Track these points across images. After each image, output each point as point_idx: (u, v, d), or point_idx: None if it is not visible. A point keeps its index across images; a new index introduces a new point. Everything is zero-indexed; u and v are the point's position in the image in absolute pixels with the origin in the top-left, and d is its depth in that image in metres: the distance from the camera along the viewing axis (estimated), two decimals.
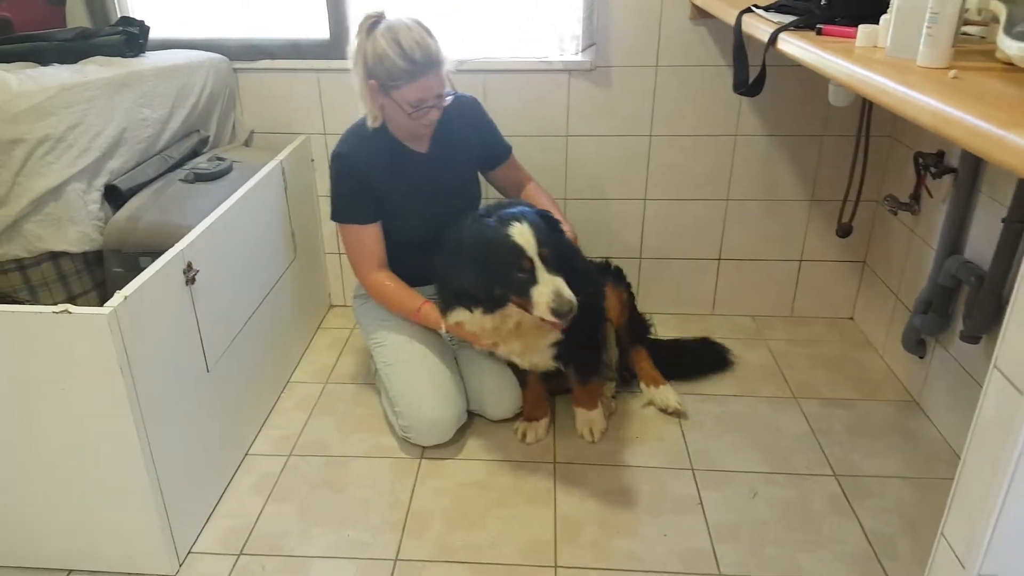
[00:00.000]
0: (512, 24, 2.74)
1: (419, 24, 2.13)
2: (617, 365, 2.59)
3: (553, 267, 1.98)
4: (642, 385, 2.55)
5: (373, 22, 2.12)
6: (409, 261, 2.34)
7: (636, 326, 2.63)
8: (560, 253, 2.04)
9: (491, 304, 2.08)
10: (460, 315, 2.16)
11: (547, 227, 2.05)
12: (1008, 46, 1.18)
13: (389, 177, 2.27)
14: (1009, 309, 0.99)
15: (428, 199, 2.32)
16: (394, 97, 2.14)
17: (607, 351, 2.52)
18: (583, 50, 2.71)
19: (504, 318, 2.10)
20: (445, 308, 2.20)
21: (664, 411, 2.47)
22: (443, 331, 2.27)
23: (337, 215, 2.32)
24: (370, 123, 2.25)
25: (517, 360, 2.29)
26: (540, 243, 1.97)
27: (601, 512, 2.11)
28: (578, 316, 2.04)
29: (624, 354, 2.59)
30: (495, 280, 2.02)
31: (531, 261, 1.96)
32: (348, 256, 2.38)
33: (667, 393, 2.50)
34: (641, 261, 3.05)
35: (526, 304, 2.00)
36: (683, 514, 2.10)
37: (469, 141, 2.41)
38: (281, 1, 2.83)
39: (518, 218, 2.00)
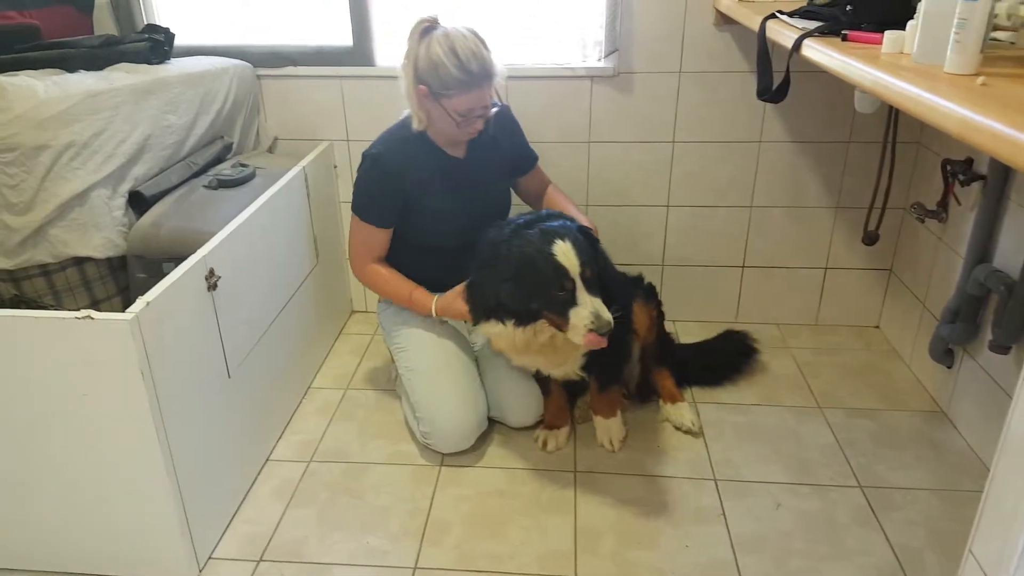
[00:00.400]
0: (535, 30, 2.74)
1: (475, 34, 2.12)
2: (638, 382, 2.56)
3: (593, 288, 1.95)
4: (660, 402, 2.52)
5: (427, 27, 2.12)
6: (435, 267, 2.33)
7: (663, 346, 2.58)
8: (599, 271, 2.01)
9: (525, 318, 2.04)
10: (491, 327, 2.13)
11: (588, 245, 2.01)
12: None
13: (425, 181, 2.27)
14: None
15: (462, 205, 2.32)
16: (444, 105, 2.14)
17: (629, 362, 2.49)
18: (606, 56, 2.70)
19: (536, 332, 2.07)
20: (476, 318, 2.16)
21: (678, 429, 2.44)
22: (433, 315, 2.29)
23: (357, 209, 2.33)
24: (416, 125, 2.23)
25: (546, 370, 2.27)
26: (582, 263, 1.93)
27: (621, 522, 2.09)
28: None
29: (646, 372, 2.55)
30: (532, 296, 1.98)
31: (573, 282, 1.93)
32: (349, 245, 2.41)
33: (683, 411, 2.46)
34: (664, 268, 3.03)
35: (561, 323, 1.96)
36: (705, 525, 2.07)
37: (502, 148, 2.42)
38: (305, 8, 2.85)
39: (561, 235, 1.95)
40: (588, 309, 1.91)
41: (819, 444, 2.37)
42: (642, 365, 2.53)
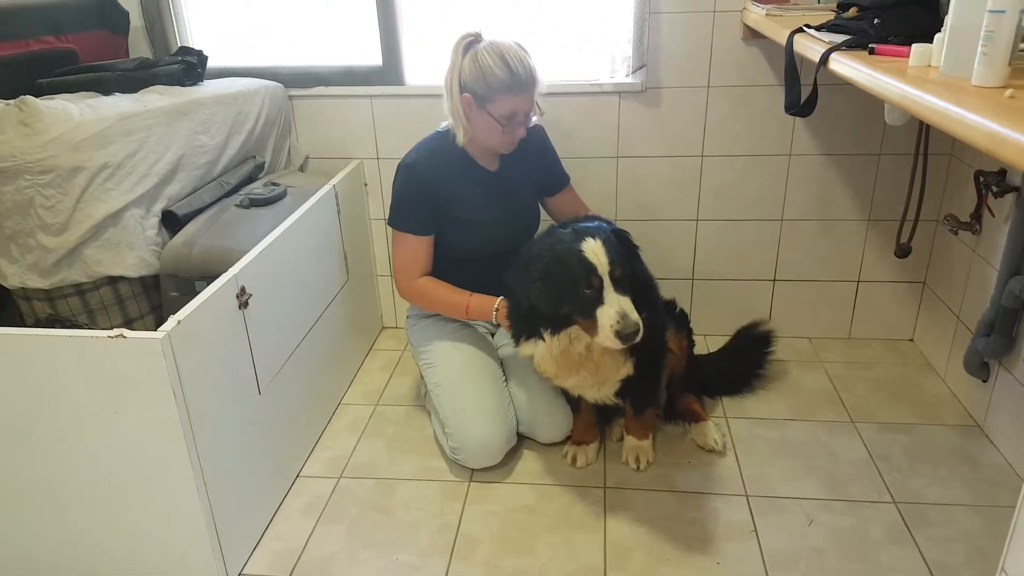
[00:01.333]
0: (563, 46, 2.75)
1: (519, 45, 2.20)
2: (664, 407, 2.53)
3: (623, 288, 1.92)
4: (687, 424, 2.49)
5: (471, 41, 2.19)
6: (461, 279, 2.35)
7: (691, 375, 2.55)
8: (634, 276, 1.99)
9: (557, 324, 2.02)
10: (531, 347, 2.12)
11: (622, 247, 1.98)
12: None
13: (458, 190, 2.30)
14: None
15: (491, 216, 2.33)
16: (488, 110, 2.18)
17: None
18: (634, 72, 2.70)
19: (572, 341, 2.05)
20: (517, 338, 2.14)
21: (702, 448, 2.41)
22: (494, 319, 2.24)
23: (395, 222, 2.34)
24: (460, 140, 2.28)
25: (585, 394, 2.25)
26: (612, 262, 1.90)
27: (651, 538, 2.07)
28: (642, 347, 2.02)
29: (673, 399, 2.52)
30: (561, 295, 1.95)
31: (600, 279, 1.90)
32: (394, 262, 2.41)
33: (707, 430, 2.43)
34: (694, 282, 3.02)
35: (591, 326, 1.93)
36: (736, 541, 2.05)
37: (534, 165, 2.44)
38: (335, 29, 2.88)
39: (593, 233, 1.93)
40: (615, 308, 1.88)
41: (852, 459, 2.34)
42: (669, 391, 2.50)
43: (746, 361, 2.75)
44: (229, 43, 2.94)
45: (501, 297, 2.23)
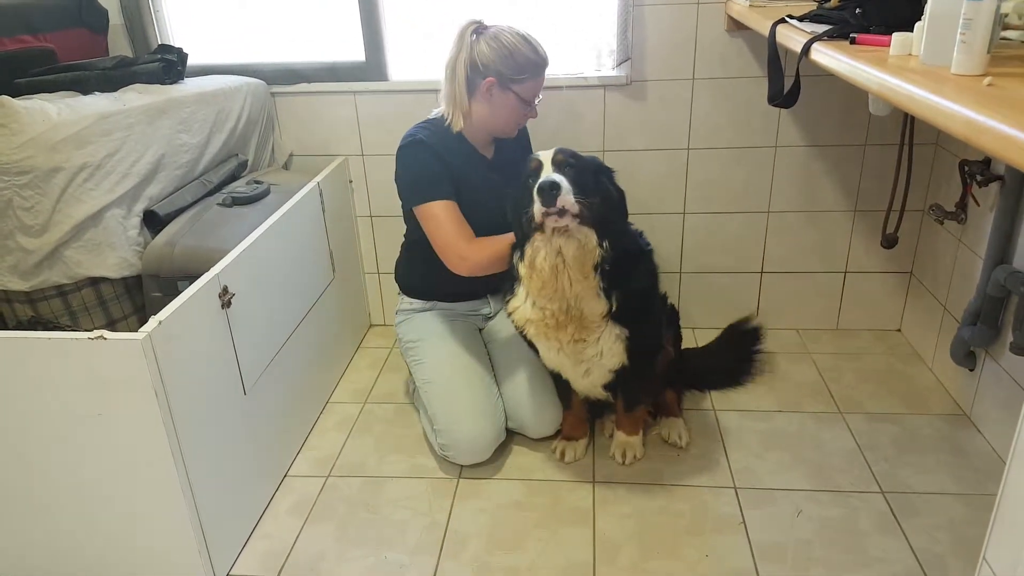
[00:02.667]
0: (548, 40, 2.73)
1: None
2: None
3: (563, 173, 1.92)
4: (656, 416, 2.49)
5: (478, 27, 2.21)
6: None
7: (676, 370, 2.55)
8: (586, 180, 1.96)
9: (523, 236, 2.00)
10: (514, 302, 2.11)
11: (578, 158, 2.01)
12: None
13: (462, 171, 2.27)
14: None
15: (487, 203, 2.26)
16: (515, 90, 2.20)
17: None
18: (618, 65, 2.69)
19: (545, 257, 1.96)
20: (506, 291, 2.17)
21: (665, 441, 2.41)
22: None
23: (418, 196, 2.22)
24: (459, 125, 2.27)
25: (576, 376, 2.22)
26: (558, 152, 1.98)
27: (640, 532, 2.07)
28: (634, 343, 2.05)
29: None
30: (516, 193, 2.00)
31: (539, 163, 1.96)
32: (436, 238, 2.21)
33: (674, 425, 2.43)
34: (681, 276, 3.01)
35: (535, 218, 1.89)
36: (725, 534, 2.05)
37: (518, 160, 2.42)
38: (317, 25, 2.87)
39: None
40: (543, 179, 1.87)
41: (840, 450, 2.34)
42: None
43: (734, 357, 2.76)
44: (210, 40, 2.91)
45: None
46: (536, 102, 2.28)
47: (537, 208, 1.87)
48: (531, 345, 2.22)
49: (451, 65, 2.22)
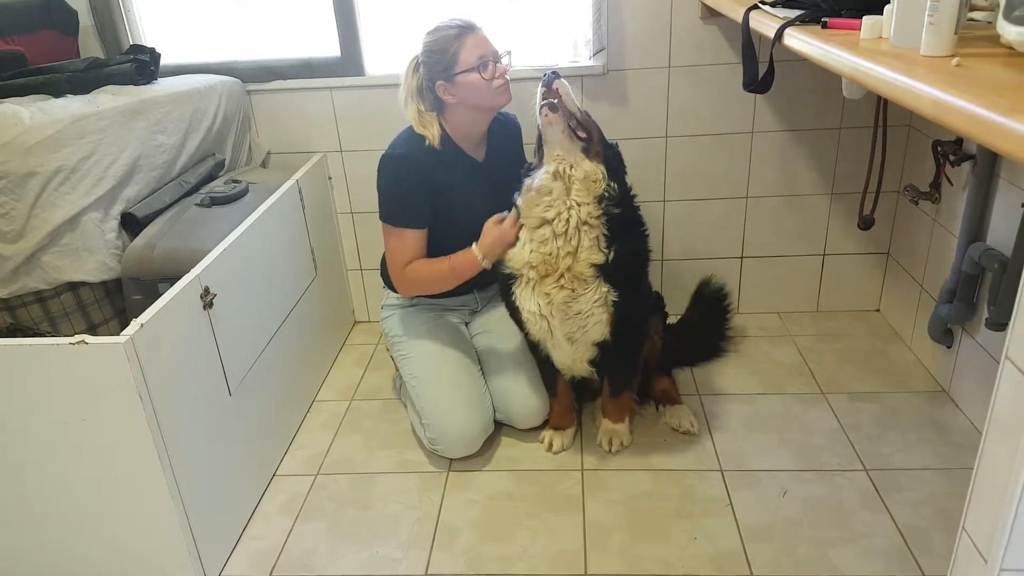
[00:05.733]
0: (524, 31, 2.74)
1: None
2: (638, 390, 2.52)
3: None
4: (659, 406, 2.51)
5: (418, 62, 2.25)
6: None
7: (665, 355, 2.57)
8: (594, 129, 2.14)
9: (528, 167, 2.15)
10: (513, 250, 2.17)
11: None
12: (1007, 31, 1.15)
13: (452, 179, 2.27)
14: (1018, 300, 0.97)
15: (481, 206, 2.26)
16: (459, 72, 2.18)
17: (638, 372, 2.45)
18: (595, 55, 2.70)
19: (538, 183, 2.07)
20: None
21: (676, 430, 2.43)
22: (482, 260, 2.19)
23: (390, 217, 2.28)
24: (434, 142, 2.25)
25: (559, 345, 2.21)
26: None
27: (630, 518, 2.09)
28: (621, 309, 2.08)
29: (648, 381, 2.52)
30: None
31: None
32: (387, 256, 2.34)
33: (680, 412, 2.45)
34: (663, 263, 3.03)
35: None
36: (713, 516, 2.08)
37: (516, 152, 2.49)
38: (291, 21, 2.85)
39: None
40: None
41: (824, 430, 2.37)
42: (644, 374, 2.48)
43: (708, 325, 2.82)
44: (183, 39, 2.89)
45: (474, 244, 2.21)
46: (496, 61, 2.23)
47: (539, 92, 2.05)
48: (517, 322, 2.24)
49: (404, 95, 2.28)
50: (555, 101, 2.04)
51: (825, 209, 2.89)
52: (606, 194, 2.06)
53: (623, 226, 2.10)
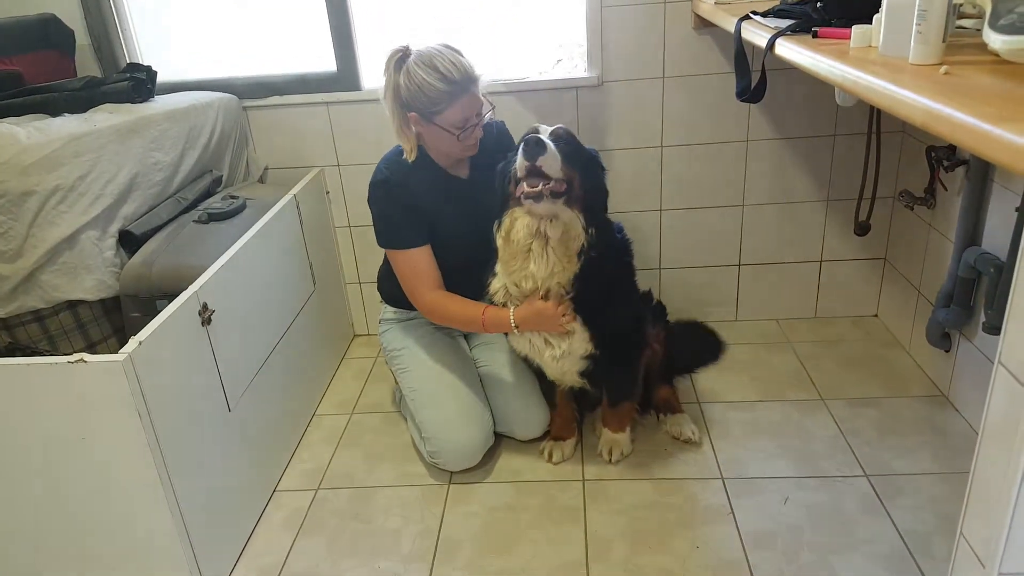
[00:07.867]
0: (519, 43, 2.76)
1: (448, 47, 2.11)
2: (640, 398, 2.52)
3: (558, 144, 1.96)
4: (661, 415, 2.51)
5: (401, 56, 2.11)
6: (448, 286, 2.29)
7: (668, 366, 2.57)
8: (577, 162, 2.01)
9: (502, 202, 2.06)
10: (494, 283, 2.15)
11: (577, 142, 2.07)
12: (993, 40, 1.16)
13: (436, 202, 2.24)
14: (1009, 305, 0.98)
15: (471, 224, 2.22)
16: (438, 123, 2.11)
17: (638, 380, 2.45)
18: (589, 66, 2.71)
19: (515, 237, 2.03)
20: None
21: (677, 439, 2.42)
22: (514, 325, 2.12)
23: (387, 241, 2.27)
24: (407, 156, 2.21)
25: (549, 361, 2.21)
26: (559, 134, 2.01)
27: (631, 528, 2.09)
28: (606, 339, 2.07)
29: (649, 390, 2.52)
30: (508, 167, 2.04)
31: (536, 130, 1.97)
32: (402, 282, 2.29)
33: (681, 421, 2.44)
34: (661, 272, 3.04)
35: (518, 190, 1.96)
36: (715, 524, 2.08)
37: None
38: (287, 37, 2.87)
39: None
40: (528, 135, 1.92)
41: (824, 436, 2.37)
42: (646, 383, 2.48)
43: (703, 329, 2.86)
44: (179, 57, 2.91)
45: (512, 307, 2.14)
46: (478, 120, 2.16)
47: (520, 163, 1.91)
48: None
49: (385, 99, 2.18)
50: (539, 189, 1.91)
51: (821, 216, 2.90)
52: (585, 244, 2.02)
53: (599, 253, 2.06)
